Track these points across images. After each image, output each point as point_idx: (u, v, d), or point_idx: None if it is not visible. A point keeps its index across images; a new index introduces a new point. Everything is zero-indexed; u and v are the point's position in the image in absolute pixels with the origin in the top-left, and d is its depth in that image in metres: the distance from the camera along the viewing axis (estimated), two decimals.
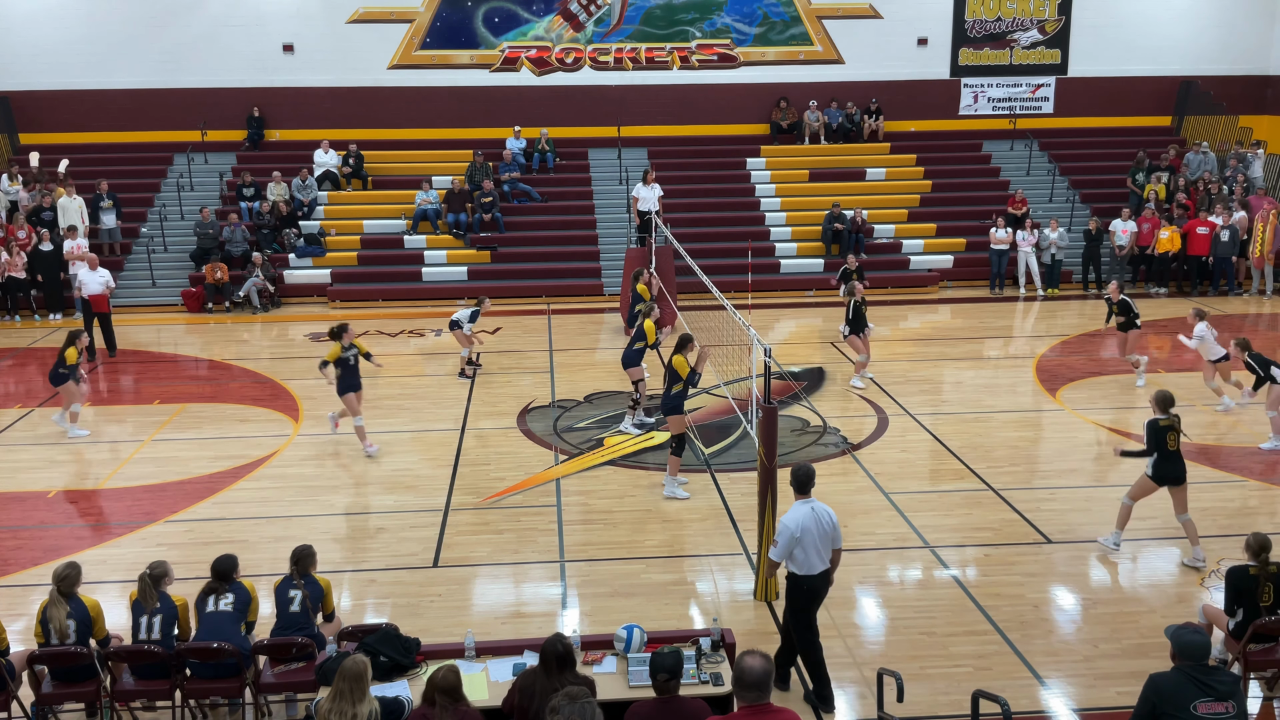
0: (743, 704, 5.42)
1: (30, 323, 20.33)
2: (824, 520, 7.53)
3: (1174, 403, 9.79)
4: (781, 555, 7.54)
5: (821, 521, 7.52)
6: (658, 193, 21.57)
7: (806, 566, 7.53)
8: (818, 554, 7.54)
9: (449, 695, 5.91)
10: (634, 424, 13.63)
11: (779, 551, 7.54)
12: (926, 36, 25.79)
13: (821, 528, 7.51)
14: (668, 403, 11.45)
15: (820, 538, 7.51)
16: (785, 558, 7.55)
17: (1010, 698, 6.64)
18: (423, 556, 10.15)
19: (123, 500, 11.68)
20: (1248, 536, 7.76)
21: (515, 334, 18.91)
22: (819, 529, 7.50)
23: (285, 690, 7.58)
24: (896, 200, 24.15)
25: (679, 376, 11.30)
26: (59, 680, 7.36)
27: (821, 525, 7.51)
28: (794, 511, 7.54)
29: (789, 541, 7.48)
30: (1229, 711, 5.62)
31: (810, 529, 7.47)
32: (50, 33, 24.24)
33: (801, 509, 7.53)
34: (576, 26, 25.39)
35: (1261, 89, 26.66)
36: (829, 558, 7.65)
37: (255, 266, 20.89)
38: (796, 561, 7.54)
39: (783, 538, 7.50)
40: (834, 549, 7.68)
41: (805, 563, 7.52)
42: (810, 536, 7.47)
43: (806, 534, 7.46)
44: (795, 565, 7.55)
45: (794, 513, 7.54)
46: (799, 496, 7.64)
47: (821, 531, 7.51)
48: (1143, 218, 22.05)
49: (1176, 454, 9.66)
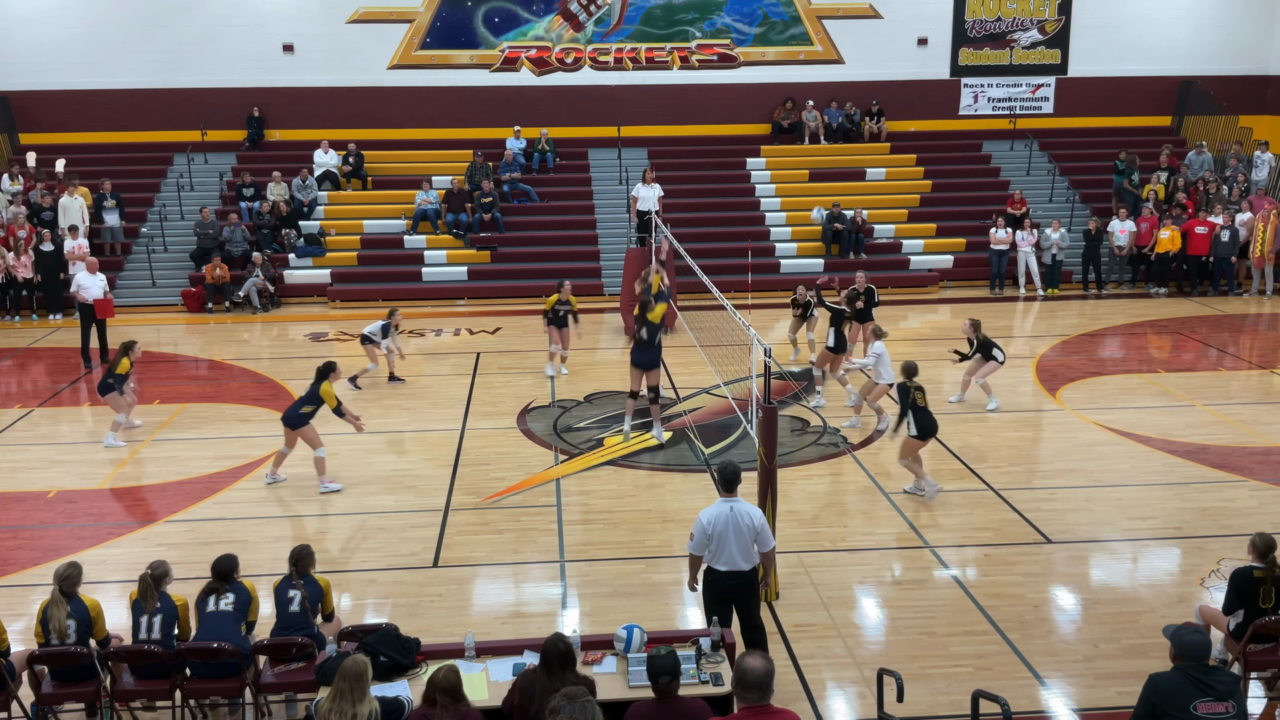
0: (743, 705, 5.42)
1: (30, 323, 20.33)
2: (743, 520, 7.50)
3: (918, 370, 11.12)
4: (694, 549, 7.60)
5: (740, 521, 7.50)
6: (658, 193, 21.56)
7: (727, 563, 7.54)
8: (741, 553, 7.53)
9: (449, 695, 5.91)
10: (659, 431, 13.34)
11: (693, 545, 7.60)
12: (926, 36, 25.79)
13: (739, 527, 7.49)
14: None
15: (738, 538, 7.50)
16: (700, 551, 7.58)
17: (1010, 698, 6.64)
18: (423, 556, 10.15)
19: (123, 500, 11.68)
20: (1253, 537, 7.75)
21: (515, 334, 18.91)
22: (736, 528, 7.49)
23: (285, 690, 7.58)
24: (896, 200, 24.16)
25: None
26: (59, 680, 7.36)
27: (739, 525, 7.49)
28: (712, 509, 7.57)
29: (702, 536, 7.52)
30: (1229, 711, 5.62)
31: (726, 528, 7.47)
32: (50, 33, 24.25)
33: (720, 507, 7.54)
34: (576, 26, 25.39)
35: (1261, 89, 26.66)
36: (755, 559, 7.63)
37: (255, 266, 20.89)
38: (713, 556, 7.57)
39: (696, 532, 7.55)
40: (763, 551, 7.67)
41: (724, 559, 7.53)
42: (727, 535, 7.48)
43: (723, 532, 7.47)
44: (714, 560, 7.59)
45: (711, 510, 7.56)
46: (723, 494, 7.64)
47: (739, 531, 7.49)
48: (1142, 218, 22.05)
49: (925, 409, 10.96)
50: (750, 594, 7.68)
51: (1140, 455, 12.62)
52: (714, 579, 7.63)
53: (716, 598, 7.66)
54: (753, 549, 7.60)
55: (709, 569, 7.65)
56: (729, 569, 7.56)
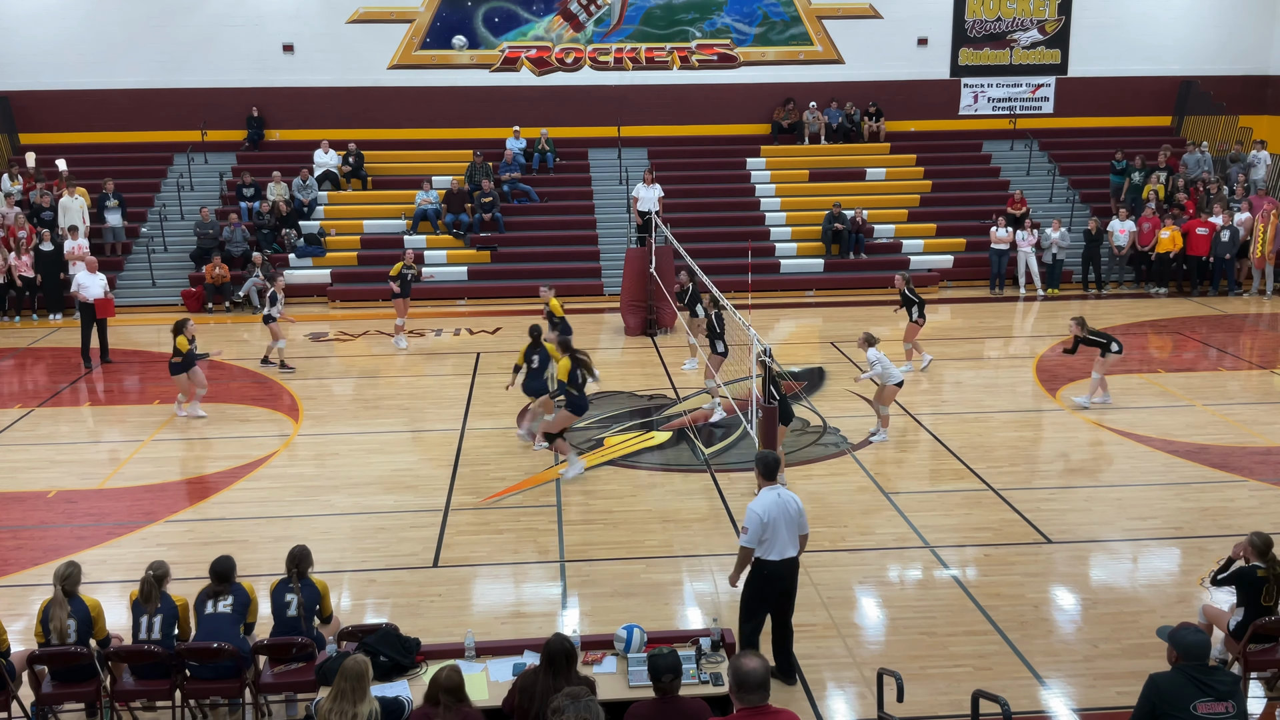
0: (742, 705, 5.42)
1: (30, 323, 20.33)
2: (790, 505, 7.58)
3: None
4: (752, 541, 7.59)
5: (788, 507, 7.56)
6: (658, 193, 21.58)
7: (778, 552, 7.56)
8: (791, 539, 7.60)
9: (452, 695, 5.91)
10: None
11: (749, 538, 7.58)
12: (926, 36, 25.79)
13: (788, 513, 7.55)
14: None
15: (788, 524, 7.57)
16: (755, 544, 7.59)
17: (1010, 698, 6.64)
18: (423, 556, 10.15)
19: (123, 500, 11.68)
20: (1251, 536, 7.76)
21: (516, 334, 18.89)
22: (786, 514, 7.54)
23: (285, 690, 7.58)
24: (896, 200, 24.16)
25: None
26: (59, 680, 7.36)
27: (788, 510, 7.55)
28: (762, 498, 7.59)
29: (758, 528, 7.52)
30: (1229, 711, 5.62)
31: (779, 515, 7.51)
32: (50, 33, 24.25)
33: (769, 495, 7.58)
34: (576, 26, 25.39)
35: (1261, 89, 26.67)
36: (799, 544, 7.70)
37: (255, 266, 20.89)
38: (766, 547, 7.58)
39: (752, 524, 7.54)
40: (801, 534, 7.73)
41: (776, 548, 7.56)
42: (779, 523, 7.52)
43: (775, 520, 7.51)
44: (763, 551, 7.60)
45: (762, 499, 7.58)
46: (765, 483, 7.69)
47: (788, 517, 7.56)
48: (1143, 218, 22.05)
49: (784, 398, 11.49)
50: (794, 583, 7.74)
51: (1140, 455, 12.62)
52: (766, 571, 7.63)
53: (765, 593, 7.69)
54: (796, 534, 7.66)
55: (761, 561, 7.64)
56: (780, 557, 7.58)
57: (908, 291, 15.73)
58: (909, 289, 15.78)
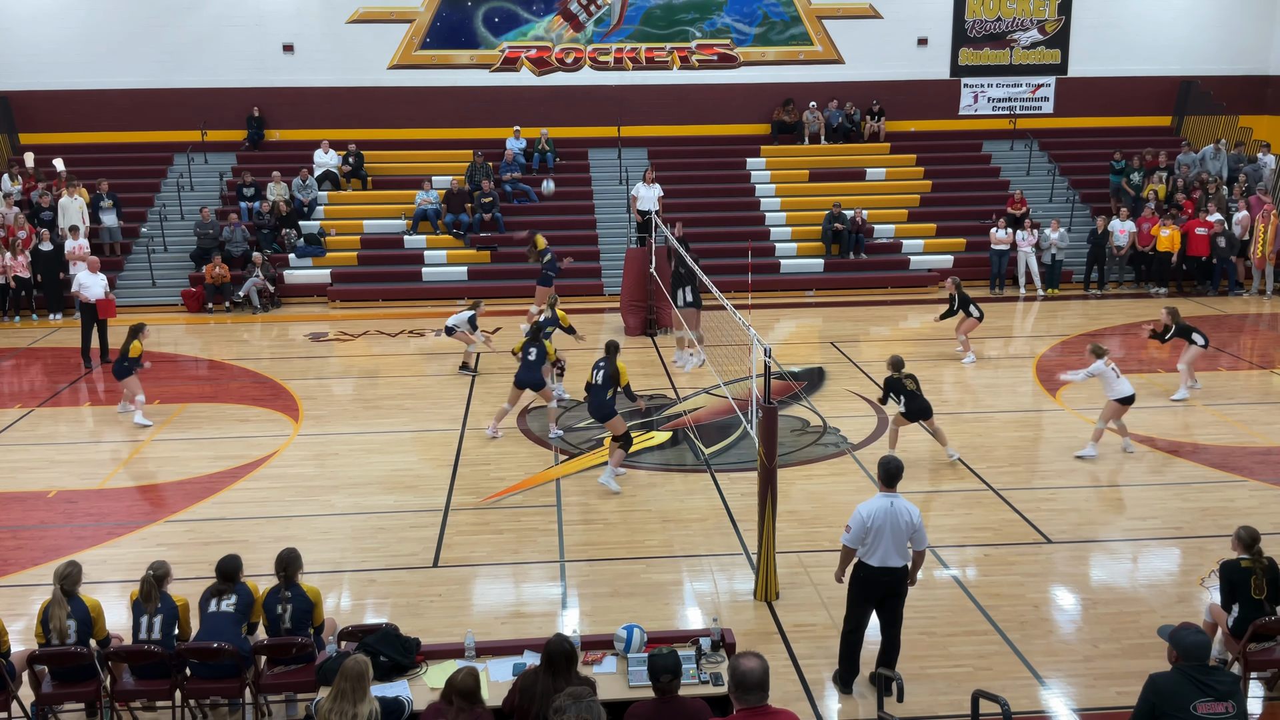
0: (742, 706, 5.42)
1: (30, 323, 20.33)
2: (901, 516, 7.50)
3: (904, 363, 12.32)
4: (850, 541, 7.57)
5: (899, 518, 7.49)
6: (658, 193, 21.57)
7: (879, 558, 7.51)
8: (896, 549, 7.52)
9: (466, 699, 5.90)
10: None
11: (850, 537, 7.56)
12: (926, 36, 25.79)
13: (897, 524, 7.48)
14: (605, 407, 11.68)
15: (894, 533, 7.48)
16: (855, 544, 7.55)
17: (1010, 698, 6.64)
18: (423, 556, 10.15)
19: (123, 500, 11.68)
20: (1238, 530, 7.78)
21: (516, 334, 18.86)
22: (894, 524, 7.47)
23: (285, 690, 7.58)
24: (896, 200, 24.16)
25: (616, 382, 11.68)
26: (59, 680, 7.36)
27: (898, 521, 7.48)
28: (872, 502, 7.57)
29: (859, 529, 7.49)
30: (1229, 711, 5.62)
31: (885, 523, 7.46)
32: (50, 33, 24.24)
33: (880, 501, 7.54)
34: (576, 26, 25.39)
35: (1261, 89, 26.67)
36: (908, 557, 7.64)
37: (255, 266, 20.89)
38: (867, 551, 7.54)
39: (854, 523, 7.52)
40: (916, 550, 7.67)
41: (878, 554, 7.50)
42: (884, 530, 7.46)
43: (881, 526, 7.45)
44: (864, 553, 7.57)
45: (872, 502, 7.57)
46: (884, 489, 7.65)
47: (896, 528, 7.48)
48: (1143, 218, 22.05)
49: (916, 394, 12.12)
50: (899, 592, 7.68)
51: (1140, 455, 12.62)
52: (866, 575, 7.61)
53: (865, 595, 7.66)
54: (907, 547, 7.60)
55: (859, 563, 7.63)
56: (881, 564, 7.54)
57: (960, 293, 16.69)
58: (959, 291, 16.72)
